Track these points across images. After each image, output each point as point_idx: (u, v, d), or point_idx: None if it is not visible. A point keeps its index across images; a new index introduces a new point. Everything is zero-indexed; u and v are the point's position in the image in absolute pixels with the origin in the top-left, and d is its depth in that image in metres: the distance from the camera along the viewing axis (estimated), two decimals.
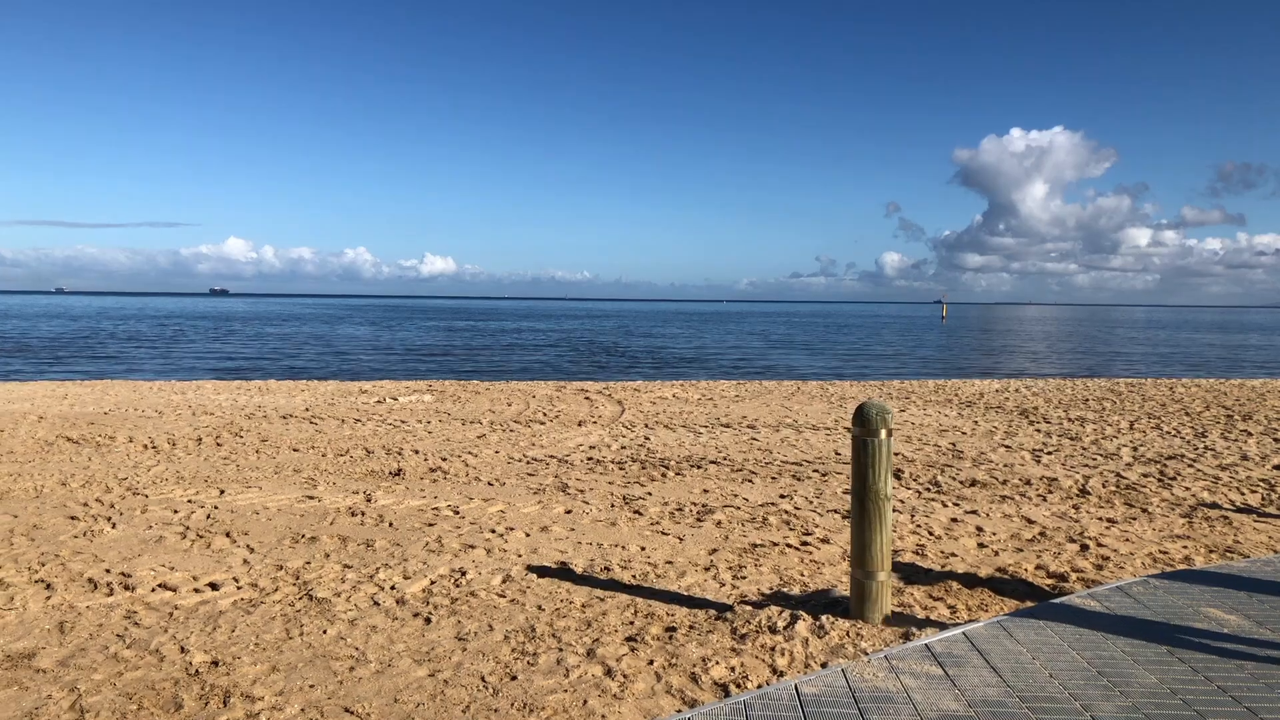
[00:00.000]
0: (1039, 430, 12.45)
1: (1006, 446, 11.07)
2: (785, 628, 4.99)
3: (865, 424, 4.97)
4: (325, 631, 4.97)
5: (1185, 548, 6.80)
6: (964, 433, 12.21)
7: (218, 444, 10.52)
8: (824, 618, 5.06)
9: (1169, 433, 12.23)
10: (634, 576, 6.00)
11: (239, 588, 5.67)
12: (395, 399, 14.78)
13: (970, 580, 6.03)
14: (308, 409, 13.73)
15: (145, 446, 10.31)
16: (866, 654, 4.54)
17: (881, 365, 34.38)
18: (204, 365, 29.98)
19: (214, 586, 5.70)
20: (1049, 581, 6.05)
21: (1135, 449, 10.92)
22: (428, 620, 5.17)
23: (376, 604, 5.42)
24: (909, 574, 6.08)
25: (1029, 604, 5.49)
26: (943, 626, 4.94)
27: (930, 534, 7.10)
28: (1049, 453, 10.66)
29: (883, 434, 4.97)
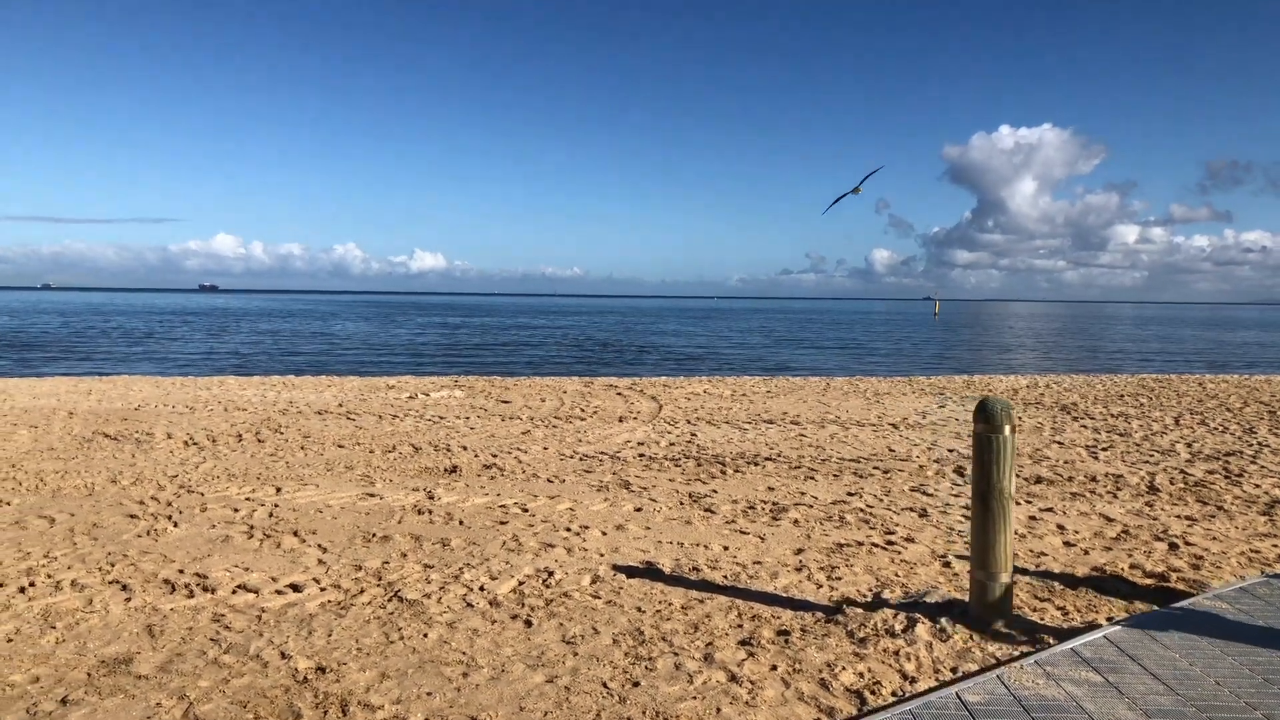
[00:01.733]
0: (1085, 426, 12.28)
1: (1059, 443, 10.90)
2: (904, 631, 4.81)
3: (989, 420, 4.79)
4: (425, 635, 4.77)
5: (1276, 546, 6.64)
6: None
7: (259, 440, 10.29)
8: (942, 621, 4.88)
9: (1217, 429, 12.08)
10: (725, 577, 5.81)
11: (322, 589, 5.47)
12: (426, 395, 14.56)
13: (1069, 580, 5.85)
14: (340, 405, 13.50)
15: (186, 443, 10.07)
16: (997, 660, 4.36)
17: (895, 362, 34.24)
18: (207, 363, 29.68)
19: (296, 588, 5.49)
20: (1148, 581, 5.87)
21: (1190, 445, 10.76)
22: (528, 623, 4.97)
23: (470, 605, 5.22)
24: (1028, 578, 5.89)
25: (1140, 605, 5.32)
26: (1066, 632, 4.76)
27: (1014, 533, 6.90)
28: (1104, 449, 10.49)
29: (1006, 430, 4.79)
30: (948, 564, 6.15)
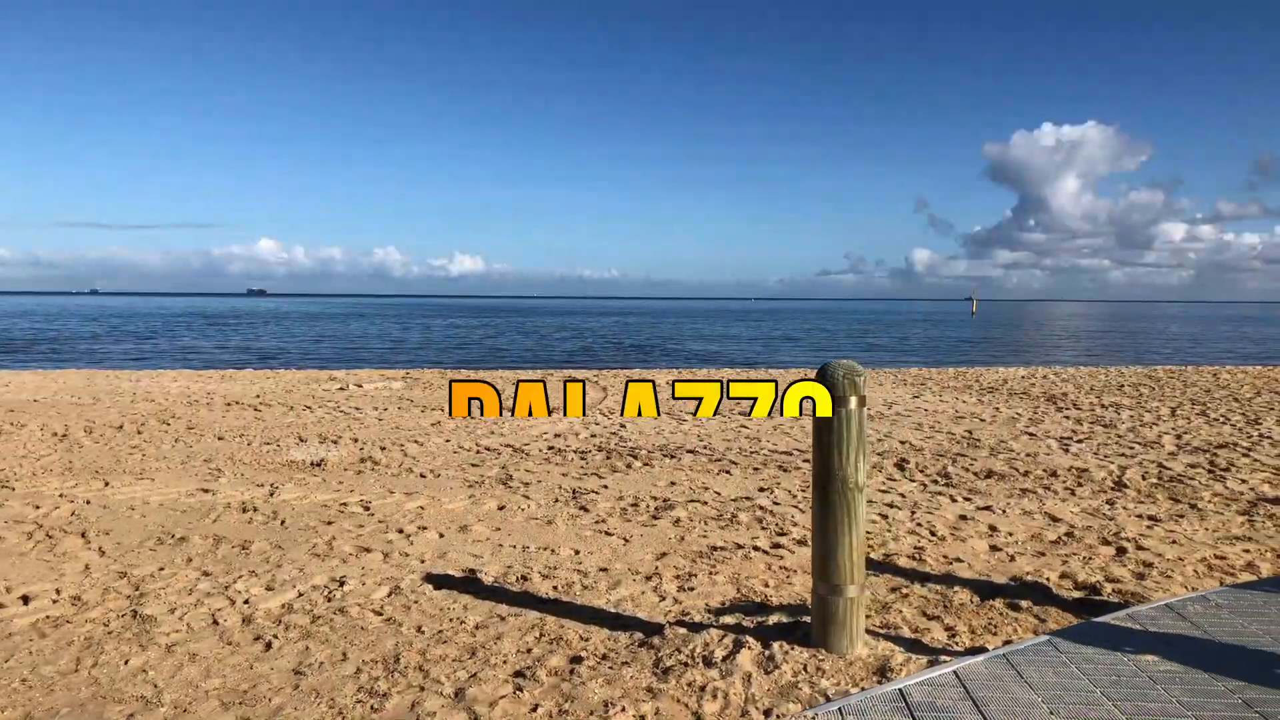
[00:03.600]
0: (1068, 417, 11.09)
1: (1030, 434, 9.75)
2: (725, 659, 3.78)
3: (830, 389, 3.73)
4: (127, 661, 3.82)
5: (1248, 551, 5.52)
6: (982, 420, 10.88)
7: (139, 432, 9.43)
8: (776, 645, 3.84)
9: (1217, 419, 10.84)
10: (555, 588, 4.81)
11: (54, 602, 4.54)
12: (360, 386, 13.67)
13: (979, 591, 4.79)
14: (259, 396, 12.63)
15: (55, 434, 9.23)
16: (827, 698, 3.32)
17: (898, 357, 32.88)
18: (188, 360, 29.08)
19: (26, 600, 4.57)
20: (1077, 594, 4.81)
21: (1179, 436, 9.56)
22: (268, 646, 4.00)
23: (216, 623, 4.27)
24: (901, 584, 4.84)
25: (1053, 625, 4.26)
26: (934, 658, 3.71)
27: (932, 534, 5.85)
28: (1079, 441, 9.33)
29: (853, 402, 3.73)
30: None
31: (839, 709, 2.95)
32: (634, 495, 6.80)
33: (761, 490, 7.03)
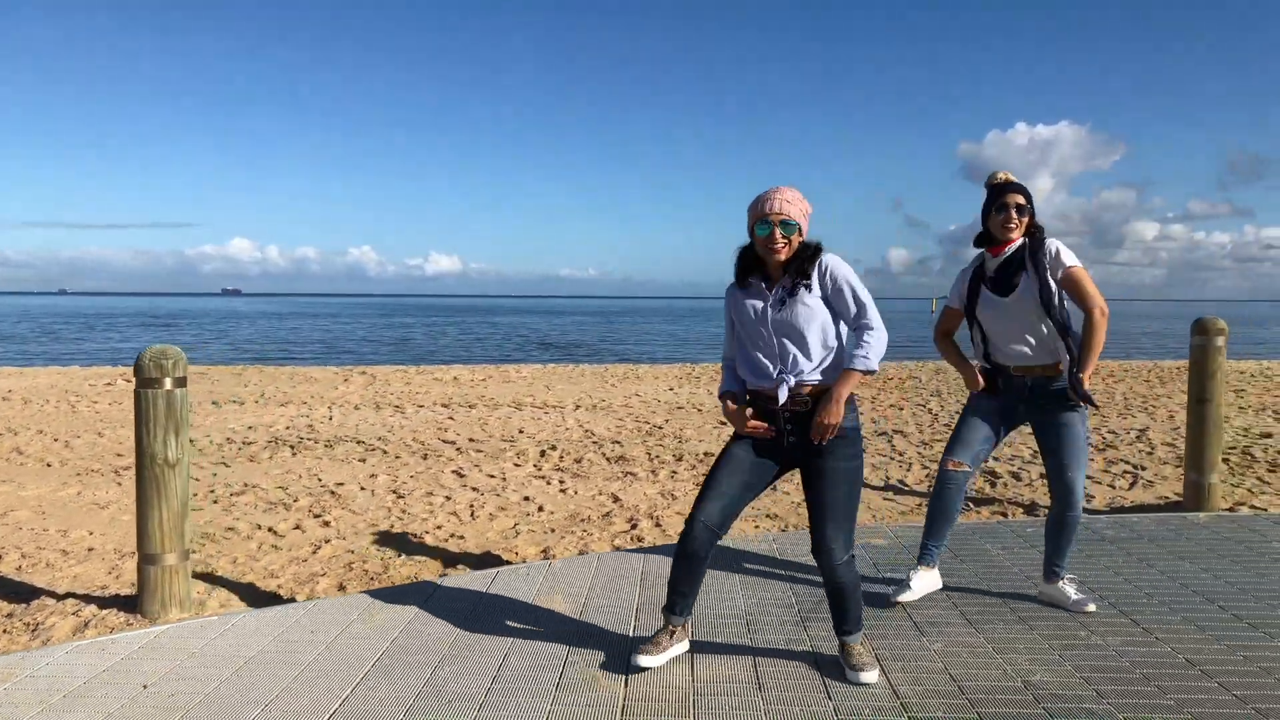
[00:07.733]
0: None
1: (723, 423, 10.14)
2: (50, 626, 4.05)
3: (140, 373, 4.03)
4: None
5: (758, 528, 5.91)
6: (699, 409, 11.27)
7: None
8: (104, 613, 4.12)
9: (943, 410, 11.33)
10: (19, 568, 5.06)
11: None
12: (129, 381, 13.79)
13: (449, 562, 5.13)
14: (10, 390, 12.72)
15: None
16: None
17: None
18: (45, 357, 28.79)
19: None
20: (535, 557, 5.20)
21: (921, 430, 9.96)
22: None
23: None
24: (364, 559, 5.14)
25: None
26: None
27: (471, 515, 6.16)
28: None
29: (167, 384, 4.03)
30: (318, 550, 5.40)
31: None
32: (242, 484, 7.03)
33: (372, 477, 7.30)
